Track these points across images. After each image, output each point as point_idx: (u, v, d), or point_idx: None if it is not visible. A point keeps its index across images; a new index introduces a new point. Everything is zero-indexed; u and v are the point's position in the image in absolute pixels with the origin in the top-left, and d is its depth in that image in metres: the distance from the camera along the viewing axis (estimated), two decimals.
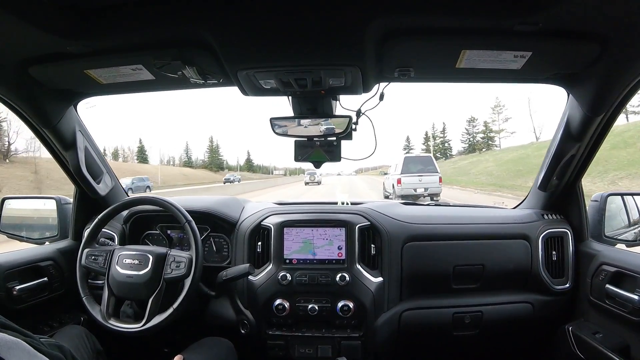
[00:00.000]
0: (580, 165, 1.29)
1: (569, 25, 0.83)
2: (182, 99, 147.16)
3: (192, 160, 71.45)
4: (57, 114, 1.23)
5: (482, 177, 26.15)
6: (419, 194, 10.60)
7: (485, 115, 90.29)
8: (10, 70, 1.02)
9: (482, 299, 1.37)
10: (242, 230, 1.41)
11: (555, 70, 1.05)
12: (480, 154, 44.69)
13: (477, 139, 52.12)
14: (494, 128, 50.16)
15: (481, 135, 51.50)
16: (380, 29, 0.86)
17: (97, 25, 0.86)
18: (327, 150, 1.24)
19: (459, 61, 0.98)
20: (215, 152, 71.23)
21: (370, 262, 1.34)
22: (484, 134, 51.09)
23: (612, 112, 1.11)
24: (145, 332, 1.10)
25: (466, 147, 53.26)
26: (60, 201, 1.52)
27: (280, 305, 1.29)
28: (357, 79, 1.04)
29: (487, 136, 51.03)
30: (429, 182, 10.81)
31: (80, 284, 1.18)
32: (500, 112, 49.37)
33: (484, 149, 48.97)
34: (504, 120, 49.24)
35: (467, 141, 53.78)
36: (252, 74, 1.01)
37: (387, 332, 1.33)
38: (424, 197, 10.53)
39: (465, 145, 54.00)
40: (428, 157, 12.17)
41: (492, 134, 50.29)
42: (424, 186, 10.74)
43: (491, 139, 50.53)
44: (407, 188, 10.72)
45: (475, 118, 57.64)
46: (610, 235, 1.32)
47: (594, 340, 1.15)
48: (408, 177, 10.89)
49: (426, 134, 59.59)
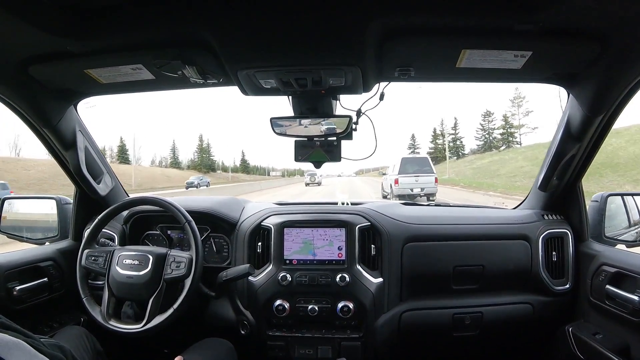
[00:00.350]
0: (580, 166, 1.29)
1: (569, 25, 0.83)
2: (177, 96, 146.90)
3: (179, 161, 66.27)
4: (57, 113, 1.23)
5: (517, 179, 22.79)
6: (415, 193, 11.00)
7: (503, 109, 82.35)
8: (10, 70, 1.02)
9: (482, 299, 1.37)
10: (242, 230, 1.41)
11: (555, 70, 1.05)
12: (500, 152, 40.54)
13: (493, 136, 47.26)
14: (514, 123, 44.99)
15: (500, 131, 46.27)
16: (380, 29, 0.86)
17: (97, 25, 0.86)
18: (327, 150, 1.24)
19: (459, 61, 0.99)
20: (205, 151, 66.29)
21: (370, 263, 1.34)
22: (503, 129, 45.70)
23: (612, 112, 1.11)
24: (146, 332, 1.10)
25: (481, 145, 48.40)
26: (60, 201, 1.52)
27: (280, 306, 1.29)
28: (358, 78, 1.04)
29: (507, 132, 45.54)
30: (425, 183, 11.17)
31: (81, 284, 1.18)
32: (521, 105, 44.22)
33: (503, 147, 44.43)
34: (525, 114, 44.21)
35: (482, 138, 48.57)
36: (252, 73, 1.01)
37: (387, 333, 1.33)
38: (420, 197, 10.90)
39: (480, 143, 48.83)
40: (424, 158, 12.55)
41: (512, 129, 45.04)
42: (420, 186, 11.12)
43: (511, 135, 45.19)
44: (404, 188, 11.09)
45: (491, 112, 51.90)
46: (610, 235, 1.32)
47: (594, 341, 1.15)
48: (405, 178, 11.25)
49: (434, 131, 55.54)
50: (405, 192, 10.95)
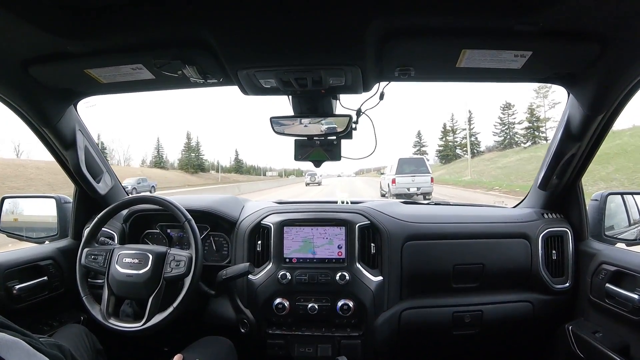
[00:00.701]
0: (580, 165, 1.29)
1: (569, 25, 0.83)
2: (172, 94, 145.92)
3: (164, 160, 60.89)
4: (57, 113, 1.23)
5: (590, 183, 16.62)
6: (411, 192, 11.66)
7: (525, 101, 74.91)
8: (10, 70, 1.02)
9: (482, 298, 1.37)
10: (242, 229, 1.41)
11: (555, 69, 1.05)
12: (526, 148, 36.11)
13: (514, 131, 41.77)
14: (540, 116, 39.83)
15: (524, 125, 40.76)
16: (380, 29, 0.86)
17: (97, 25, 0.86)
18: (327, 150, 1.24)
19: (459, 61, 0.99)
20: (194, 150, 60.03)
21: (370, 261, 1.35)
22: (529, 123, 40.32)
23: (612, 111, 1.11)
24: (145, 331, 1.10)
25: (501, 141, 42.84)
26: (60, 200, 1.52)
27: (280, 305, 1.29)
28: (358, 78, 1.04)
29: (533, 126, 40.14)
30: (421, 182, 11.81)
31: (80, 283, 1.18)
32: (546, 96, 39.10)
33: (528, 143, 39.42)
34: (551, 106, 38.99)
35: (501, 133, 43.05)
36: (253, 73, 1.01)
37: (387, 331, 1.33)
38: (416, 196, 11.44)
39: (498, 139, 43.29)
40: (421, 158, 13.21)
41: (537, 122, 39.73)
42: (416, 186, 11.77)
43: (537, 129, 39.85)
44: (401, 187, 11.80)
45: (511, 104, 45.31)
46: (610, 234, 1.32)
47: (594, 340, 1.16)
48: (402, 177, 11.98)
49: (444, 126, 50.92)
50: (402, 192, 11.64)
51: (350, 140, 1.25)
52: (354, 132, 1.24)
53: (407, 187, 11.77)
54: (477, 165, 34.37)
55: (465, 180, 26.43)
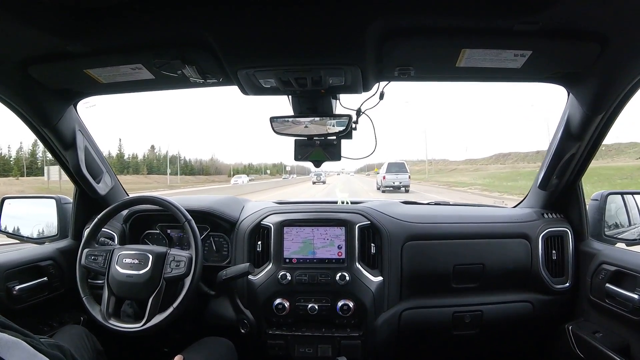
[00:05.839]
0: (580, 165, 1.29)
1: (569, 24, 0.83)
2: (171, 96, 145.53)
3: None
4: (57, 113, 1.23)
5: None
6: (396, 185, 17.25)
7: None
8: (10, 70, 1.01)
9: (482, 298, 1.37)
10: (242, 229, 1.41)
11: (555, 69, 1.05)
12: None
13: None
14: None
15: None
16: (380, 29, 0.86)
17: (97, 25, 0.86)
18: (327, 150, 1.24)
19: (459, 60, 0.99)
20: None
21: (370, 262, 1.34)
22: None
23: (612, 111, 1.11)
24: (146, 331, 1.10)
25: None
26: (60, 201, 1.52)
27: (280, 305, 1.29)
28: (357, 78, 1.04)
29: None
30: (402, 178, 17.37)
31: (80, 284, 1.18)
32: None
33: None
34: None
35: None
36: (252, 73, 1.01)
37: (387, 332, 1.33)
38: (399, 188, 17.06)
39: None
40: (402, 163, 18.67)
41: None
42: (399, 180, 17.32)
43: None
44: (389, 182, 17.42)
45: None
46: (610, 234, 1.32)
47: (594, 340, 1.15)
48: (390, 175, 17.59)
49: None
50: (390, 184, 17.31)
51: (350, 140, 1.25)
52: (353, 132, 1.24)
53: (393, 181, 17.35)
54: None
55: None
